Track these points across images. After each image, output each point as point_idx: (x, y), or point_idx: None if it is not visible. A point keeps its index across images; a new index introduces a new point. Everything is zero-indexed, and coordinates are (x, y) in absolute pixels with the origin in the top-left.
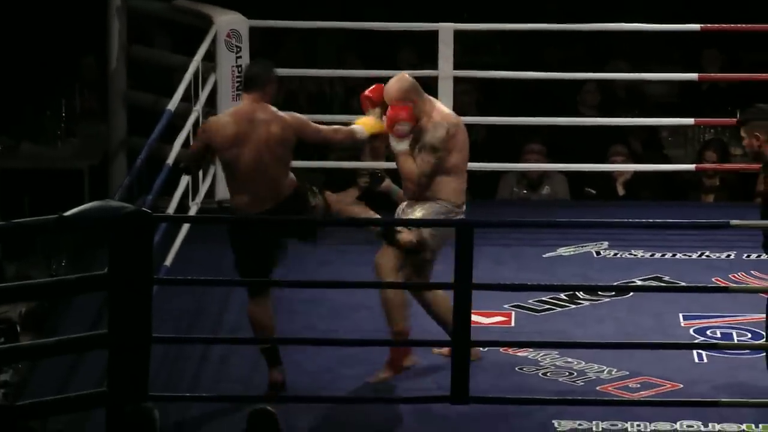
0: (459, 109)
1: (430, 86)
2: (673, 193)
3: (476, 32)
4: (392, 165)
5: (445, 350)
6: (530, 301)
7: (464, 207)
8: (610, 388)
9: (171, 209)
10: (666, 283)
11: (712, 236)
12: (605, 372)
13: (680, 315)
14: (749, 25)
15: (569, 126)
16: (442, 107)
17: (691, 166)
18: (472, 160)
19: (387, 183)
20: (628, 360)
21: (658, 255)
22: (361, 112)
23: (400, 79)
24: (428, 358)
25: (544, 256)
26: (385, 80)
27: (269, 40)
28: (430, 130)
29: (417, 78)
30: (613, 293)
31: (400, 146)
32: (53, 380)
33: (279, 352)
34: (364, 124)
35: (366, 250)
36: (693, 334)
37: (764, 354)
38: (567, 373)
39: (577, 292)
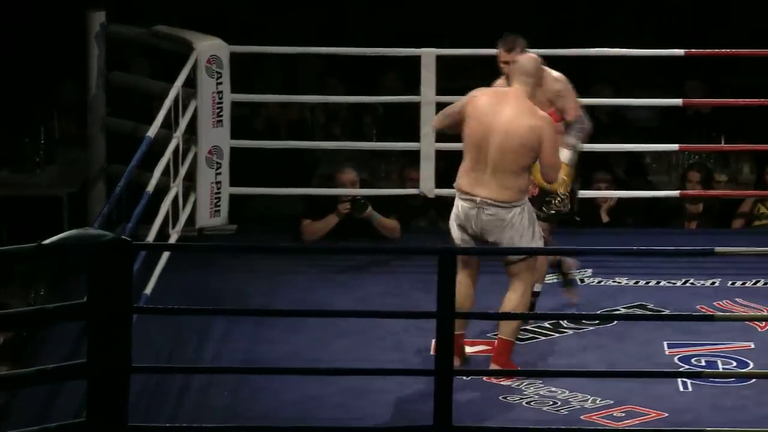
0: (439, 134)
1: (414, 111)
2: (657, 219)
3: (458, 57)
4: (372, 192)
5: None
6: None
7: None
8: (594, 418)
9: (151, 237)
10: (650, 311)
11: (697, 263)
12: (589, 401)
13: (665, 343)
14: (733, 50)
15: None
16: None
17: (676, 193)
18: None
19: (369, 210)
20: (613, 389)
21: (642, 282)
22: (337, 137)
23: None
24: (410, 387)
25: None
26: (366, 106)
27: (250, 65)
28: None
29: (399, 104)
30: (597, 322)
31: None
32: (31, 411)
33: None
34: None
35: (348, 278)
36: (678, 362)
37: (750, 381)
38: (551, 403)
39: (560, 321)
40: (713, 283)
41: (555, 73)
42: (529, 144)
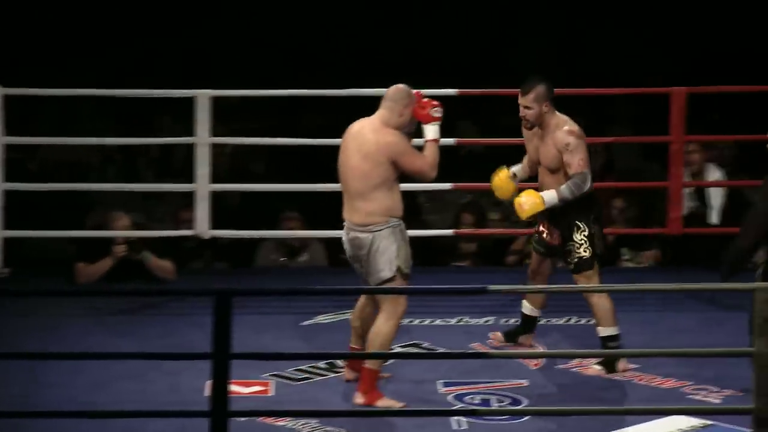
0: (217, 176)
1: (190, 153)
2: (431, 258)
3: (237, 99)
4: (146, 234)
5: None
6: (289, 370)
7: None
8: None
9: None
10: (425, 350)
11: (471, 302)
12: None
13: (440, 381)
14: (504, 90)
15: (327, 192)
16: None
17: (450, 232)
18: (230, 227)
19: (143, 252)
20: (389, 428)
21: (416, 321)
22: (112, 179)
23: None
24: (187, 429)
25: (302, 324)
26: (141, 148)
27: (26, 108)
28: None
29: (173, 145)
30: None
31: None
32: None
33: None
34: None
35: (124, 320)
36: (452, 400)
37: (523, 419)
38: None
39: (335, 361)
40: (487, 321)
41: (570, 126)
42: (374, 158)
